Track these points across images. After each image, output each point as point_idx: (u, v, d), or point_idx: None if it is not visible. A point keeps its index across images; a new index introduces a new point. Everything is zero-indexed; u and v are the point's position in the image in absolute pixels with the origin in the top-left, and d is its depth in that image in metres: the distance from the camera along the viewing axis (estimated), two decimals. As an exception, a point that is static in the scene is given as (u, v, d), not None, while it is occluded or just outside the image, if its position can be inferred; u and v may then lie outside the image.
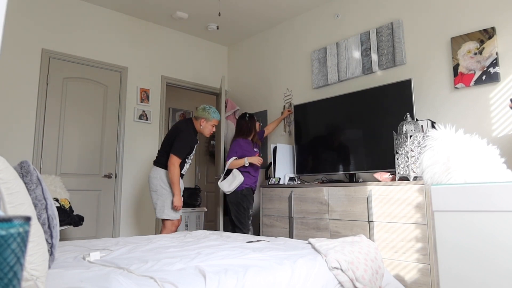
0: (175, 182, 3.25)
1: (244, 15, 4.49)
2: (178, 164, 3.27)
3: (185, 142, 3.31)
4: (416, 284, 2.56)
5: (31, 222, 0.49)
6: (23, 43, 3.73)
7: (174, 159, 3.24)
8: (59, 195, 3.33)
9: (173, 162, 3.24)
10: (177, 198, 3.26)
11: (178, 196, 3.27)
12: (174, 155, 3.24)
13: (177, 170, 3.26)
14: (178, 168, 3.26)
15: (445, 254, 1.37)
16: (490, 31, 2.91)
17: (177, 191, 3.26)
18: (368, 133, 3.35)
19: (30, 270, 1.07)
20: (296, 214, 3.41)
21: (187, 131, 3.36)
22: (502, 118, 2.85)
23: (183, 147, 3.29)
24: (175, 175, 3.24)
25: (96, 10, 4.26)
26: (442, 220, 1.39)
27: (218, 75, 5.21)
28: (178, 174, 3.27)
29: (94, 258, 1.73)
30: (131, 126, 4.40)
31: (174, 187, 3.26)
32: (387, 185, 2.80)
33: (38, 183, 1.41)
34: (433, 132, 1.66)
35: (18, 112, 3.65)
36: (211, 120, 3.44)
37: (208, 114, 3.42)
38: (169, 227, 3.30)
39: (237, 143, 3.83)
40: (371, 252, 1.99)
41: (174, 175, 3.24)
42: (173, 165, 3.24)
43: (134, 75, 4.49)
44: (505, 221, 1.25)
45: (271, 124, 4.44)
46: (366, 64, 3.69)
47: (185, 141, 3.31)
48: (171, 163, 3.24)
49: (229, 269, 1.50)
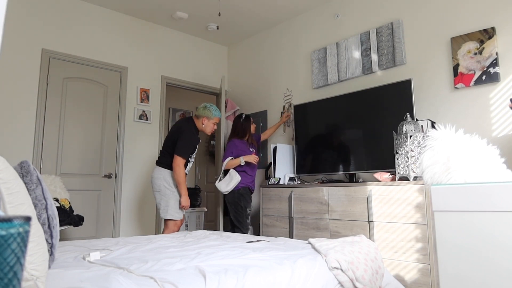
0: (181, 182, 3.25)
1: (244, 15, 4.49)
2: (183, 165, 3.26)
3: (188, 142, 3.31)
4: (416, 284, 2.56)
5: (31, 222, 0.49)
6: (23, 43, 3.73)
7: (178, 160, 3.23)
8: (59, 195, 3.33)
9: (178, 163, 3.23)
10: (185, 198, 3.27)
11: (185, 196, 3.28)
12: (179, 156, 3.23)
13: (183, 171, 3.26)
14: (183, 169, 3.26)
15: (445, 254, 1.37)
16: (490, 31, 2.91)
17: (184, 191, 3.27)
18: (368, 133, 3.35)
19: (30, 270, 1.07)
20: (296, 214, 3.41)
21: (189, 130, 3.35)
22: (502, 118, 2.85)
23: (187, 147, 3.29)
24: (181, 176, 3.24)
25: (96, 10, 4.26)
26: (442, 220, 1.39)
27: (218, 75, 5.21)
28: (184, 175, 3.28)
29: (94, 258, 1.73)
30: (131, 126, 4.40)
31: (181, 188, 3.26)
32: (387, 185, 2.80)
33: (38, 183, 1.41)
34: (433, 132, 1.66)
35: (18, 112, 3.65)
36: (213, 118, 3.44)
37: (209, 112, 3.42)
38: (172, 227, 3.30)
39: (232, 143, 3.84)
40: (371, 252, 1.99)
41: (180, 176, 3.24)
42: (178, 166, 3.23)
43: (134, 75, 4.49)
44: (505, 221, 1.25)
45: (269, 129, 4.41)
46: (366, 64, 3.69)
47: (188, 141, 3.31)
48: (176, 164, 3.23)
49: (229, 269, 1.50)
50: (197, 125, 3.44)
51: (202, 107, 3.45)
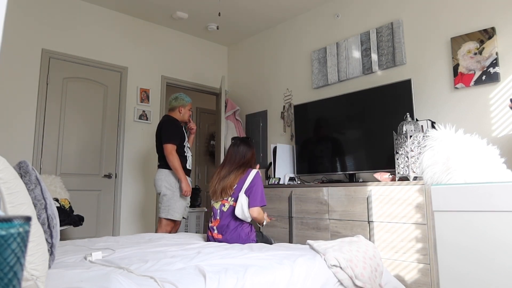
0: (177, 167, 3.27)
1: (244, 15, 4.49)
2: (175, 151, 3.30)
3: (170, 128, 3.38)
4: (416, 284, 2.56)
5: (31, 222, 0.49)
6: (23, 43, 3.73)
7: (169, 148, 3.28)
8: (59, 195, 3.33)
9: (170, 151, 3.27)
10: (185, 183, 3.30)
11: (185, 181, 3.31)
12: (167, 143, 3.29)
13: (176, 157, 3.29)
14: (176, 156, 3.29)
15: (445, 254, 1.37)
16: (490, 31, 2.91)
17: (182, 176, 3.29)
18: (368, 133, 3.35)
19: (30, 270, 1.07)
20: (296, 214, 3.41)
21: (168, 120, 3.45)
22: (502, 118, 2.85)
23: (171, 132, 3.35)
24: (175, 162, 3.27)
25: (96, 10, 4.26)
26: (442, 220, 1.39)
27: (218, 75, 5.21)
28: (179, 161, 3.30)
29: (96, 258, 1.73)
30: (131, 126, 4.40)
31: (178, 173, 3.28)
32: (387, 185, 2.80)
33: (37, 183, 1.41)
34: (433, 132, 1.66)
35: (18, 112, 3.65)
36: (187, 105, 3.56)
37: (182, 100, 3.53)
38: (164, 226, 3.32)
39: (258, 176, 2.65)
40: (369, 250, 1.99)
41: (174, 162, 3.27)
42: (171, 154, 3.27)
43: (134, 75, 4.49)
44: (505, 221, 1.25)
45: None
46: (366, 64, 3.69)
47: (170, 127, 3.38)
48: (168, 152, 3.27)
49: (229, 269, 1.50)
50: (175, 117, 3.51)
51: (173, 98, 3.56)
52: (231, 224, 2.43)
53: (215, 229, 2.48)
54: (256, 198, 2.44)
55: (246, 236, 2.43)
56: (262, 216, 2.51)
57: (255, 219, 2.43)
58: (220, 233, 2.46)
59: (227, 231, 2.43)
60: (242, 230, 2.43)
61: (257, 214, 2.44)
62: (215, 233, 2.48)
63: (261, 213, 2.50)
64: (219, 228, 2.47)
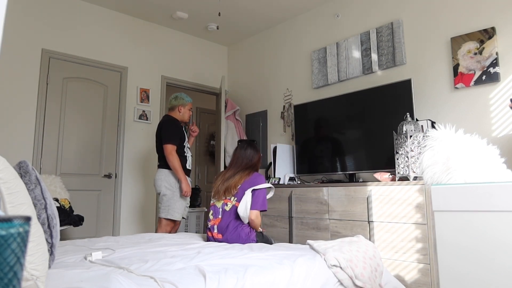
0: (177, 167, 3.27)
1: (244, 15, 4.49)
2: (175, 151, 3.30)
3: (170, 128, 3.38)
4: (416, 284, 2.56)
5: (31, 222, 0.49)
6: (23, 43, 3.73)
7: (169, 148, 3.28)
8: (59, 195, 3.33)
9: (170, 151, 3.27)
10: (185, 183, 3.30)
11: (185, 181, 3.31)
12: (167, 143, 3.29)
13: (176, 157, 3.29)
14: (176, 156, 3.29)
15: (445, 254, 1.37)
16: (490, 31, 2.91)
17: (182, 177, 3.29)
18: (368, 133, 3.35)
19: (30, 270, 1.07)
20: (296, 214, 3.41)
21: (168, 120, 3.45)
22: (502, 118, 2.85)
23: (171, 133, 3.35)
24: (175, 162, 3.27)
25: (96, 10, 4.26)
26: (442, 220, 1.39)
27: (218, 75, 5.21)
28: (179, 161, 3.30)
29: (96, 258, 1.73)
30: (131, 126, 4.40)
31: (178, 173, 3.28)
32: (387, 185, 2.80)
33: (37, 183, 1.41)
34: (433, 132, 1.66)
35: (18, 112, 3.65)
36: (187, 104, 3.55)
37: (182, 100, 3.53)
38: (164, 226, 3.32)
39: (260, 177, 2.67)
40: (369, 250, 1.99)
41: (173, 162, 3.27)
42: (170, 154, 3.27)
43: (134, 75, 4.49)
44: (505, 221, 1.25)
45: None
46: (366, 64, 3.69)
47: (170, 127, 3.38)
48: (168, 153, 3.27)
49: (229, 269, 1.50)
50: (175, 117, 3.50)
51: (173, 98, 3.55)
52: (231, 224, 2.43)
53: (215, 228, 2.48)
54: (258, 202, 2.44)
55: (246, 236, 2.43)
56: (259, 221, 2.51)
57: (251, 221, 2.43)
58: (220, 233, 2.46)
59: (227, 231, 2.43)
60: (242, 230, 2.43)
61: (255, 217, 2.43)
62: (215, 233, 2.48)
63: (259, 217, 2.49)
64: (219, 227, 2.47)
